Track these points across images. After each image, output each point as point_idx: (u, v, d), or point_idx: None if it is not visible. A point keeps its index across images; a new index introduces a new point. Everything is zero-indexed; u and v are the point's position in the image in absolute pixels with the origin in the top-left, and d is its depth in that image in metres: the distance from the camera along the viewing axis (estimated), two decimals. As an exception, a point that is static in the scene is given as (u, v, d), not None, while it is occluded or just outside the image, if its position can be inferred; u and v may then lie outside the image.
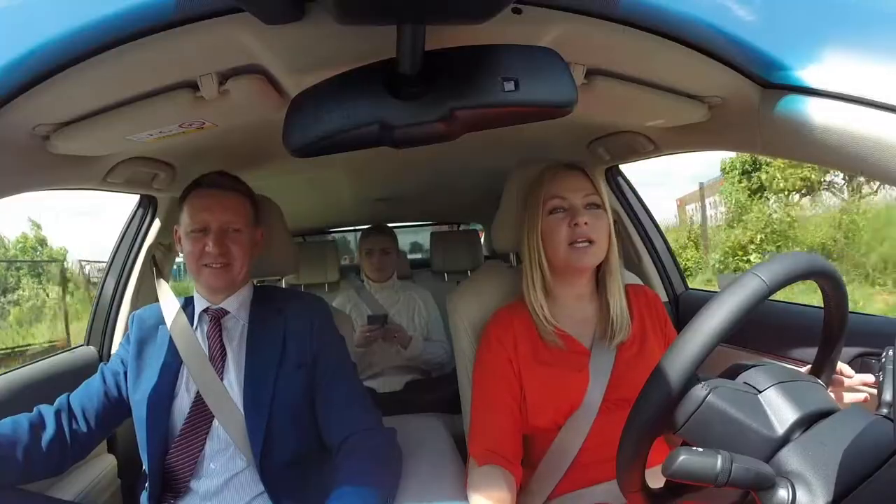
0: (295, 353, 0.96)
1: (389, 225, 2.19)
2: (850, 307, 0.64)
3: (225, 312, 0.99)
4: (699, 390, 0.53)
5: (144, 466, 0.93)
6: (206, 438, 0.91)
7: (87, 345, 1.38)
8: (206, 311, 0.99)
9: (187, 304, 1.02)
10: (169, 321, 0.98)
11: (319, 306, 1.04)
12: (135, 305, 1.38)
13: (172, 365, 0.95)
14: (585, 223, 0.89)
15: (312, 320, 1.00)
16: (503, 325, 0.95)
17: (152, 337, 0.99)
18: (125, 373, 0.97)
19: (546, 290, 0.94)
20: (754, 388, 0.54)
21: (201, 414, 0.92)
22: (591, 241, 0.90)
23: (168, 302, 1.02)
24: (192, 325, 0.99)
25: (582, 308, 0.96)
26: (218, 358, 0.96)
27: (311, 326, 0.99)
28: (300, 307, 1.02)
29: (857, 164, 0.70)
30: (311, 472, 0.95)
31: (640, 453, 0.55)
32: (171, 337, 0.97)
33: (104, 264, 1.50)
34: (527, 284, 0.94)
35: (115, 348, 1.38)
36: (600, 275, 0.96)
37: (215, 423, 0.91)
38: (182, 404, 0.93)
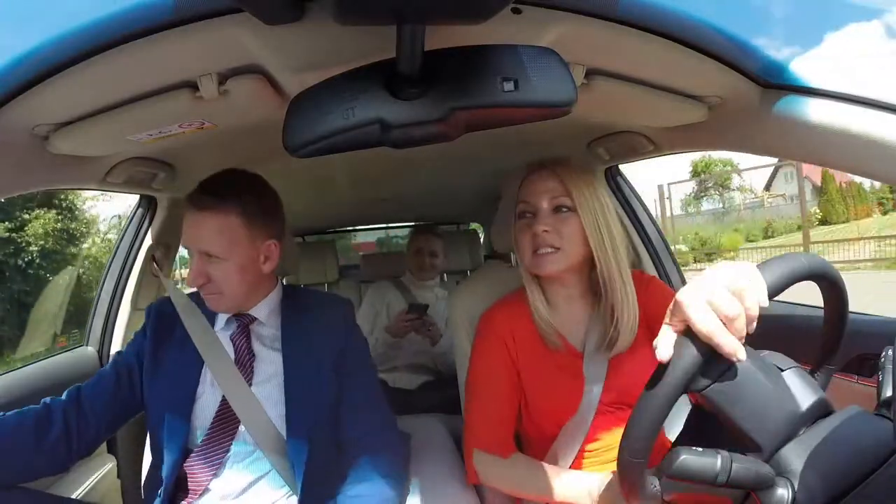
0: (329, 356, 0.94)
1: (394, 225, 2.20)
2: None
3: (254, 319, 0.96)
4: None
5: (162, 467, 0.90)
6: (231, 442, 0.89)
7: (87, 345, 1.38)
8: (234, 316, 0.95)
9: (203, 302, 0.96)
10: (186, 322, 0.94)
11: (348, 307, 1.03)
12: (134, 305, 1.38)
13: (194, 365, 0.92)
14: (545, 230, 0.85)
15: (343, 321, 0.99)
16: (502, 319, 0.94)
17: (171, 333, 0.95)
18: (141, 368, 0.94)
19: (542, 291, 0.93)
20: (777, 367, 0.55)
21: (227, 418, 0.89)
22: (554, 248, 0.86)
23: (180, 300, 0.97)
24: (212, 324, 0.95)
25: (574, 310, 0.94)
26: (246, 363, 0.93)
27: (342, 327, 0.98)
28: (330, 308, 1.01)
29: (857, 164, 0.70)
30: (338, 472, 0.93)
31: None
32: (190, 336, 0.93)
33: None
34: (525, 283, 0.94)
35: (114, 349, 1.38)
36: (596, 276, 0.90)
37: (241, 427, 0.89)
38: (205, 406, 0.90)
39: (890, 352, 0.54)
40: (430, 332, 1.87)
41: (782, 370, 0.55)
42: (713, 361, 0.51)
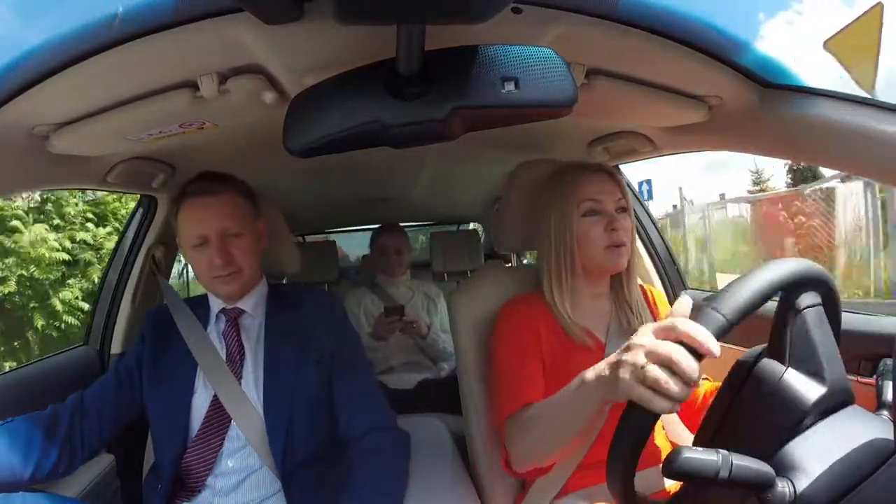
0: (313, 350, 0.95)
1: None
2: None
3: (241, 312, 0.98)
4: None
5: (161, 464, 0.92)
6: (224, 438, 0.91)
7: (87, 345, 1.38)
8: (222, 311, 0.98)
9: (197, 304, 1.00)
10: (179, 323, 0.97)
11: (335, 302, 1.04)
12: (134, 305, 1.38)
13: (189, 364, 0.94)
14: (621, 229, 0.92)
15: (329, 316, 1.00)
16: (527, 307, 0.95)
17: (168, 336, 0.97)
18: (140, 372, 0.96)
19: (569, 289, 0.94)
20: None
21: (219, 414, 0.91)
22: (624, 244, 0.92)
23: (175, 303, 1.00)
24: (205, 325, 0.98)
25: (599, 305, 0.97)
26: (236, 358, 0.95)
27: (329, 322, 0.99)
28: (316, 303, 1.02)
29: (857, 165, 0.70)
30: (326, 470, 0.95)
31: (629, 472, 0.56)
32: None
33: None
34: (549, 283, 0.94)
35: (114, 348, 1.38)
36: (618, 273, 0.97)
37: (233, 422, 0.91)
38: (199, 403, 0.92)
39: (889, 362, 0.54)
40: (415, 329, 1.88)
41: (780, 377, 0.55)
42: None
